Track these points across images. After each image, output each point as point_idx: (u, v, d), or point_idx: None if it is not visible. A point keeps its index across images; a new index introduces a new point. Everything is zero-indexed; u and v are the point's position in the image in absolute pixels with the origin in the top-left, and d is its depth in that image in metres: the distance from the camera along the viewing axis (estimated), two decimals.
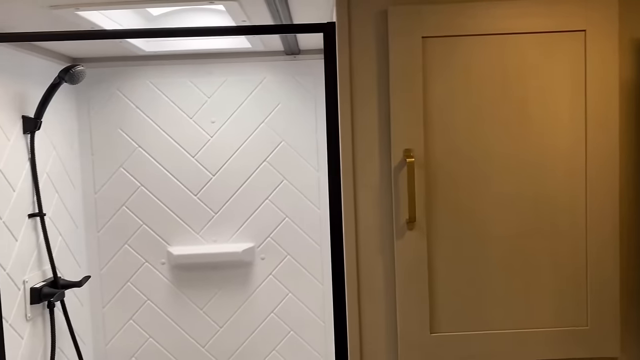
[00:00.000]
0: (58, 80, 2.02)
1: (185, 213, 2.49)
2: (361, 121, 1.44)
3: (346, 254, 1.46)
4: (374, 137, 1.44)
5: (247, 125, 2.47)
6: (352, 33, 1.43)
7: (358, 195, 1.45)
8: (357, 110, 1.44)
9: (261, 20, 1.85)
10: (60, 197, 2.28)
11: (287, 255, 2.52)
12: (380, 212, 1.45)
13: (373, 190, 1.45)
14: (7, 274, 1.87)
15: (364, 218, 1.46)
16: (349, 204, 1.45)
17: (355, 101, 1.44)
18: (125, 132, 2.46)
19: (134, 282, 2.51)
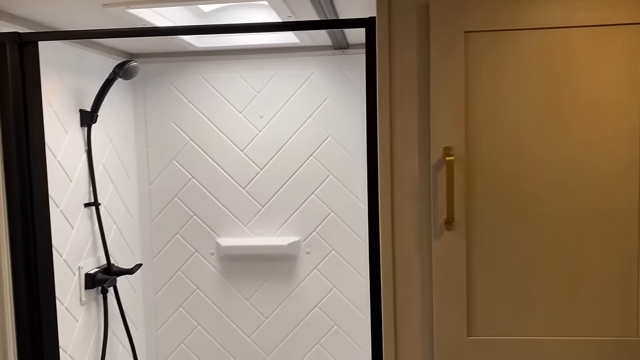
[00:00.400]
0: (113, 76, 2.10)
1: (234, 206, 2.54)
2: (400, 118, 1.42)
3: (382, 253, 1.45)
4: (413, 134, 1.42)
5: (295, 120, 2.49)
6: (392, 28, 1.41)
7: (395, 194, 1.43)
8: (396, 106, 1.42)
9: (306, 15, 1.85)
10: (116, 188, 2.38)
11: (332, 250, 2.52)
12: (418, 211, 1.43)
13: (411, 188, 1.43)
14: (63, 260, 1.97)
15: (401, 217, 1.44)
16: (386, 202, 1.43)
17: (394, 97, 1.42)
18: (178, 126, 2.54)
19: (184, 271, 2.59)
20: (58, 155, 1.96)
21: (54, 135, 1.94)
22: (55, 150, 1.94)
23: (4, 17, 1.67)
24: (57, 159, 1.96)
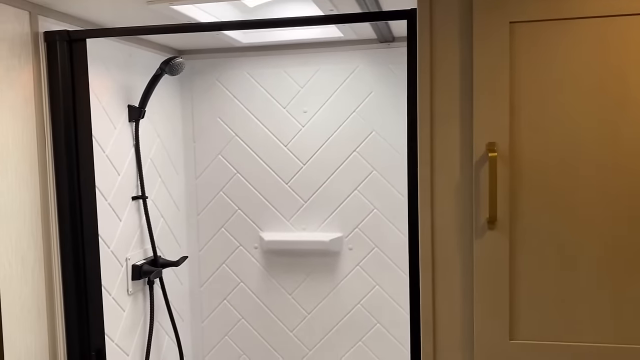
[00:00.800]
0: (160, 72, 2.14)
1: (277, 200, 2.55)
2: (441, 112, 1.37)
3: (421, 252, 1.41)
4: (455, 129, 1.37)
5: (338, 115, 2.47)
6: (433, 19, 1.36)
7: (435, 191, 1.39)
8: (437, 101, 1.38)
9: (348, 8, 1.83)
10: (163, 182, 2.44)
11: (374, 247, 2.49)
12: (459, 209, 1.38)
13: (452, 185, 1.38)
14: (111, 252, 2.04)
15: (442, 215, 1.39)
16: (426, 199, 1.39)
17: (435, 92, 1.37)
18: (224, 121, 2.57)
19: (229, 264, 2.62)
20: (106, 150, 2.02)
21: (102, 130, 2.00)
22: (103, 145, 2.00)
23: (54, 16, 1.72)
24: (106, 153, 2.02)
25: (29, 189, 1.63)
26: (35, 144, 1.66)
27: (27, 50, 1.63)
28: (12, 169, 1.56)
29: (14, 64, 1.57)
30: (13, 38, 1.57)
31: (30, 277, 1.63)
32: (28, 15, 1.63)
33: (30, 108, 1.64)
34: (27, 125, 1.62)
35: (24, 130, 1.61)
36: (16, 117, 1.58)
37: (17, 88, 1.58)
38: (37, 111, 1.66)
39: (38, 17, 1.66)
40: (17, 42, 1.59)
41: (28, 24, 1.63)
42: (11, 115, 1.56)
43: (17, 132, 1.58)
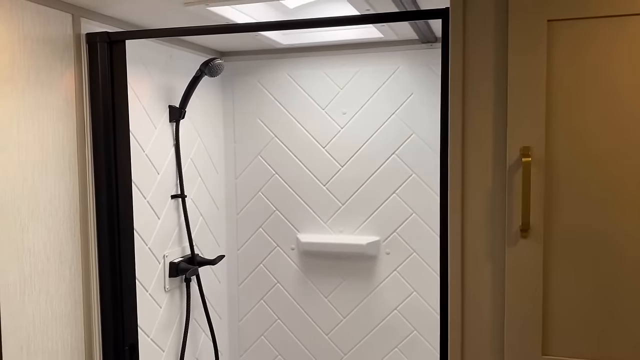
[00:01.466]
0: (199, 73, 2.17)
1: (314, 202, 2.54)
2: (474, 115, 1.32)
3: (450, 259, 1.36)
4: (488, 132, 1.31)
5: (378, 117, 2.43)
6: (467, 18, 1.31)
7: (466, 195, 1.34)
8: (469, 103, 1.32)
9: (385, 8, 1.79)
10: (203, 181, 2.47)
11: (413, 252, 2.44)
12: (491, 215, 1.32)
13: (484, 190, 1.32)
14: (148, 249, 2.08)
15: (473, 221, 1.34)
16: (456, 204, 1.34)
17: (467, 93, 1.32)
18: (264, 122, 2.58)
19: (266, 264, 2.63)
20: (146, 149, 2.06)
21: (143, 130, 2.04)
22: (143, 144, 2.05)
23: (96, 18, 1.78)
24: (145, 152, 2.06)
25: (67, 187, 1.68)
26: (75, 143, 1.71)
27: (69, 52, 1.68)
28: (51, 167, 1.62)
29: (56, 65, 1.63)
30: (56, 40, 1.63)
31: (68, 272, 1.69)
32: (71, 18, 1.69)
33: (71, 108, 1.69)
34: (68, 125, 1.68)
35: (64, 130, 1.67)
36: (57, 117, 1.64)
37: (58, 89, 1.64)
38: (78, 111, 1.72)
39: (80, 19, 1.72)
40: (59, 44, 1.64)
41: (71, 26, 1.69)
42: (52, 115, 1.62)
43: (57, 132, 1.64)
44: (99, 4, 1.71)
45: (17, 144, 1.51)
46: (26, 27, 1.53)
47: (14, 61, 1.50)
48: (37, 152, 1.57)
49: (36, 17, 1.56)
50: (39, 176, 1.58)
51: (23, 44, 1.52)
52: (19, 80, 1.51)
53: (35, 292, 1.57)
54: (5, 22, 1.47)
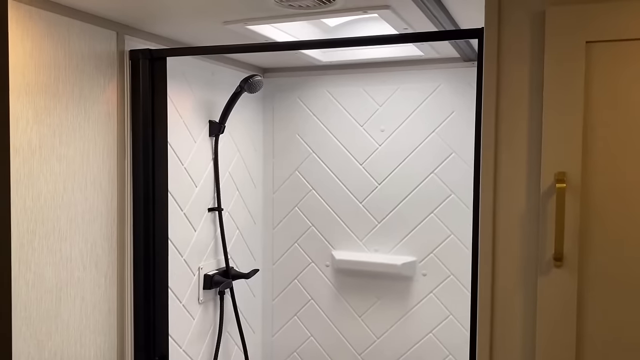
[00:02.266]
0: (239, 89, 2.21)
1: (350, 219, 2.52)
2: (507, 136, 1.28)
3: (480, 286, 1.31)
4: (522, 156, 1.27)
5: (417, 135, 2.40)
6: (502, 38, 1.28)
7: (498, 219, 1.29)
8: (502, 123, 1.28)
9: (423, 26, 1.77)
10: (241, 195, 2.50)
11: (450, 275, 2.38)
12: (523, 242, 1.27)
13: (517, 216, 1.28)
14: (183, 260, 2.12)
15: (504, 247, 1.29)
16: (487, 229, 1.30)
17: (501, 113, 1.28)
18: (302, 138, 2.59)
19: (301, 280, 2.63)
20: (185, 162, 2.11)
21: (182, 144, 2.09)
22: (182, 158, 2.09)
23: (139, 35, 1.84)
24: (184, 165, 2.11)
25: (106, 198, 1.74)
26: (115, 156, 1.77)
27: (113, 68, 1.75)
28: (91, 179, 1.68)
29: (99, 81, 1.69)
30: (100, 56, 1.70)
31: (103, 281, 1.73)
32: (115, 35, 1.75)
33: (112, 122, 1.75)
34: (108, 138, 1.74)
35: (104, 143, 1.72)
36: (98, 130, 1.70)
37: (101, 103, 1.70)
38: (119, 125, 1.78)
39: (125, 36, 1.78)
40: (103, 60, 1.71)
41: (115, 43, 1.75)
42: (94, 129, 1.68)
43: (98, 145, 1.70)
44: (143, 22, 1.77)
45: (59, 156, 1.57)
46: (72, 44, 1.60)
47: (59, 77, 1.56)
48: (78, 164, 1.63)
49: (82, 35, 1.63)
50: (79, 187, 1.63)
51: (68, 60, 1.59)
52: (63, 95, 1.58)
53: (70, 299, 1.62)
54: (53, 40, 1.54)
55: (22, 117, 1.46)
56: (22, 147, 1.46)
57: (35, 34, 1.49)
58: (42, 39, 1.51)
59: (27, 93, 1.47)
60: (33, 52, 1.49)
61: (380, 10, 1.61)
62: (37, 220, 1.51)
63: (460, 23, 1.82)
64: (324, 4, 1.56)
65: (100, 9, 1.63)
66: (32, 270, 1.50)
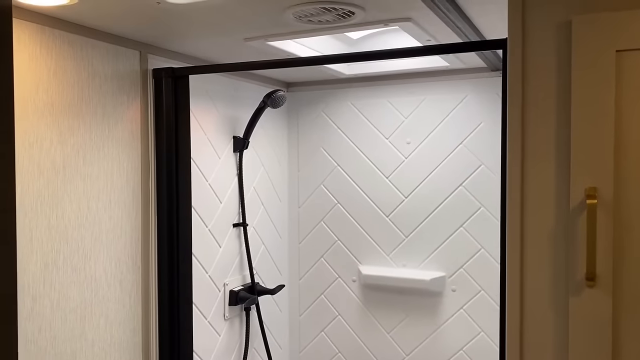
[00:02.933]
0: (262, 105, 2.21)
1: (377, 233, 2.48)
2: (534, 151, 1.23)
3: (508, 307, 1.26)
4: (550, 170, 1.22)
5: (444, 147, 2.35)
6: (526, 49, 1.23)
7: (526, 238, 1.24)
8: (529, 136, 1.23)
9: (446, 37, 1.74)
10: (266, 209, 2.49)
11: (481, 290, 2.31)
12: (553, 261, 1.21)
13: (545, 233, 1.22)
14: (209, 277, 2.11)
15: (532, 266, 1.23)
16: (515, 247, 1.25)
17: (527, 126, 1.24)
18: (327, 151, 2.57)
19: (328, 295, 2.60)
20: (209, 179, 2.11)
21: (206, 160, 2.10)
22: (207, 174, 2.10)
23: (162, 54, 1.85)
24: (209, 182, 2.11)
25: (130, 216, 1.75)
26: (139, 174, 1.78)
27: (136, 87, 1.76)
28: (115, 197, 1.69)
29: (122, 100, 1.71)
30: (124, 76, 1.71)
31: (128, 300, 1.74)
32: (139, 55, 1.77)
33: (136, 141, 1.77)
34: (132, 157, 1.75)
35: (128, 161, 1.74)
36: (122, 149, 1.71)
37: (124, 122, 1.72)
38: (142, 143, 1.79)
39: (148, 55, 1.80)
40: (127, 79, 1.73)
41: (138, 62, 1.77)
42: (117, 147, 1.70)
43: (122, 163, 1.71)
44: (165, 40, 1.78)
45: (83, 176, 1.59)
46: (95, 65, 1.62)
47: (83, 97, 1.58)
48: (102, 182, 1.64)
49: (105, 55, 1.65)
50: (103, 206, 1.65)
51: (92, 80, 1.61)
52: (86, 114, 1.59)
53: (95, 317, 1.63)
54: (76, 60, 1.56)
55: (47, 138, 1.48)
56: (47, 168, 1.48)
57: (59, 55, 1.51)
58: (65, 60, 1.53)
59: (51, 114, 1.49)
60: (57, 73, 1.51)
61: (402, 23, 1.58)
62: (62, 240, 1.53)
63: (485, 32, 1.77)
64: (343, 18, 1.54)
65: (124, 30, 1.65)
66: (57, 290, 1.51)
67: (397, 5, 1.46)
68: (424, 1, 1.39)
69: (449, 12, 1.47)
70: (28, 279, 1.43)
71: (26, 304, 1.43)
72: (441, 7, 1.44)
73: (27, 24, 1.42)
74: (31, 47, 1.44)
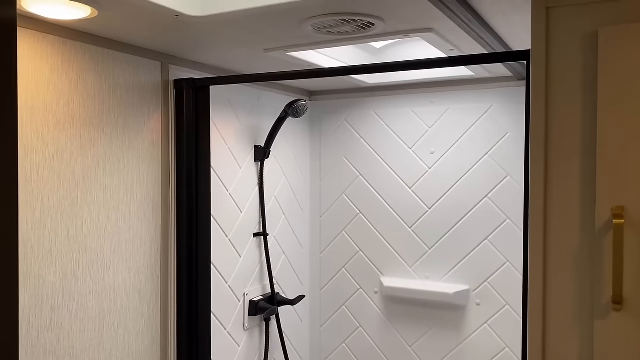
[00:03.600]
0: (284, 114, 2.20)
1: (399, 244, 2.44)
2: (558, 167, 1.18)
3: (530, 331, 1.21)
4: (574, 187, 1.17)
5: (469, 157, 2.30)
6: (550, 61, 1.19)
7: (549, 257, 1.19)
8: (552, 153, 1.19)
9: (469, 47, 1.70)
10: (287, 219, 2.48)
11: (506, 305, 2.24)
12: (577, 282, 1.16)
13: (569, 253, 1.17)
14: (228, 287, 2.11)
15: (556, 288, 1.19)
16: (537, 267, 1.20)
17: (550, 141, 1.19)
18: (350, 161, 2.55)
19: (349, 306, 2.57)
20: (230, 188, 2.11)
21: (227, 170, 2.09)
22: (227, 184, 2.09)
23: (183, 64, 1.86)
24: (229, 191, 2.11)
25: (149, 226, 1.75)
26: (159, 184, 1.79)
27: (157, 98, 1.77)
28: (135, 208, 1.70)
29: (143, 111, 1.72)
30: (145, 87, 1.73)
31: (146, 310, 1.74)
32: (160, 66, 1.78)
33: (157, 152, 1.77)
34: (152, 167, 1.76)
35: (148, 172, 1.75)
36: (142, 160, 1.72)
37: (145, 133, 1.73)
38: (163, 154, 1.80)
39: (169, 66, 1.80)
40: (148, 90, 1.74)
41: (159, 73, 1.78)
42: (138, 158, 1.71)
43: (142, 174, 1.72)
44: (186, 51, 1.79)
45: (103, 186, 1.60)
46: (117, 76, 1.63)
47: (104, 109, 1.60)
48: (122, 193, 1.65)
49: (126, 67, 1.66)
50: (122, 216, 1.66)
51: (113, 92, 1.62)
52: (107, 126, 1.61)
53: (114, 327, 1.63)
54: (97, 73, 1.58)
55: (67, 150, 1.50)
56: (67, 179, 1.50)
57: (81, 67, 1.53)
58: (87, 72, 1.55)
59: (72, 126, 1.51)
60: (78, 85, 1.53)
61: (423, 33, 1.55)
62: (81, 250, 1.54)
63: (509, 42, 1.73)
64: (363, 29, 1.52)
65: (144, 41, 1.66)
66: (76, 300, 1.52)
67: (417, 16, 1.43)
68: (443, 12, 1.36)
69: (471, 22, 1.44)
70: (47, 290, 1.45)
71: (45, 314, 1.44)
72: (462, 18, 1.40)
73: (49, 37, 1.44)
74: (52, 60, 1.46)
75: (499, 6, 1.38)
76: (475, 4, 1.37)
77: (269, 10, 1.36)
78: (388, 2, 1.33)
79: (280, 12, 1.38)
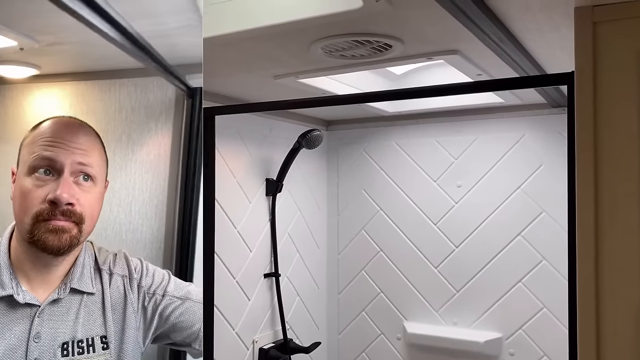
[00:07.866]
0: (297, 145, 2.05)
1: (424, 286, 2.24)
2: (611, 201, 1.00)
3: None
4: (633, 226, 0.98)
5: (499, 191, 2.10)
6: (598, 84, 1.01)
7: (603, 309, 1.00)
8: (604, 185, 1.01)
9: (499, 71, 1.53)
10: (301, 257, 2.30)
11: (543, 356, 2.01)
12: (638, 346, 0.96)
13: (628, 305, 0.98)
14: (235, 333, 1.93)
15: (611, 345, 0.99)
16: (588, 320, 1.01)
17: (601, 173, 1.01)
18: (369, 194, 2.37)
19: (369, 353, 2.36)
20: (238, 226, 1.95)
21: (235, 205, 1.94)
22: (235, 221, 1.94)
23: None
24: (237, 229, 1.95)
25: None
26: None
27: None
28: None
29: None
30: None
31: None
32: None
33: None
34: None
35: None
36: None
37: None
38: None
39: None
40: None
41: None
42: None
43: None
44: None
45: None
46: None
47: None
48: None
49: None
50: None
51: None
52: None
53: None
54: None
55: None
56: None
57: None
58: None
59: None
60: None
61: (448, 56, 1.39)
62: None
63: (543, 63, 1.55)
64: (379, 52, 1.36)
65: None
66: None
67: (441, 37, 1.27)
68: (472, 31, 1.19)
69: (502, 42, 1.27)
70: None
71: None
72: (493, 38, 1.24)
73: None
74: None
75: (536, 23, 1.21)
76: (508, 20, 1.20)
77: (274, 31, 1.22)
78: (407, 21, 1.18)
79: (286, 33, 1.24)
